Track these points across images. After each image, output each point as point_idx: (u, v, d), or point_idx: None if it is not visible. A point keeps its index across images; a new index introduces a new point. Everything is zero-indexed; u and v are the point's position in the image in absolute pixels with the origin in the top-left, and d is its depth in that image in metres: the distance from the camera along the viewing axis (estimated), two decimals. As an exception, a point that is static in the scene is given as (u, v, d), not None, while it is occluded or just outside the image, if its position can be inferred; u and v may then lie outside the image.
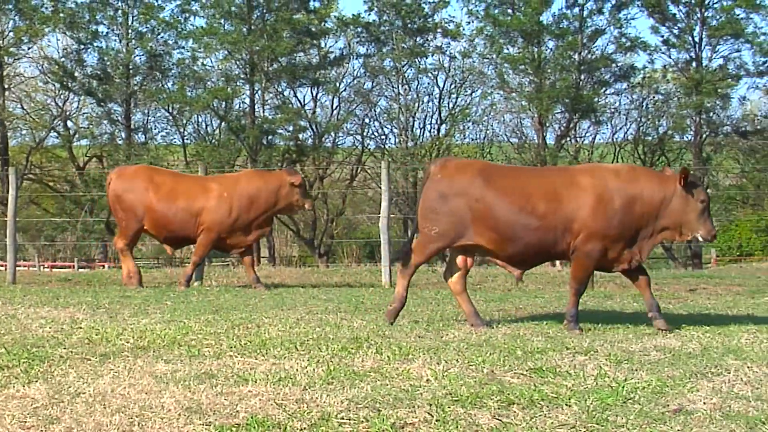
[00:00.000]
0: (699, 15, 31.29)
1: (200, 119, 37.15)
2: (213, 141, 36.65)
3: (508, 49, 33.73)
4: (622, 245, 8.62)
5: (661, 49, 32.36)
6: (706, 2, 31.11)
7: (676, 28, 31.91)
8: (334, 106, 36.92)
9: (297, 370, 6.31)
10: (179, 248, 15.38)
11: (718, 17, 31.10)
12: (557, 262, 18.05)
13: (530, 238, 8.59)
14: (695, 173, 9.16)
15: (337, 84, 36.70)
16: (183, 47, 36.29)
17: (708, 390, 5.73)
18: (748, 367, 6.37)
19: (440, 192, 8.72)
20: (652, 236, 8.72)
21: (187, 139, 37.44)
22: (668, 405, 5.38)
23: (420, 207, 8.85)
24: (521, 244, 8.62)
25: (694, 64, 31.65)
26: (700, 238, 8.79)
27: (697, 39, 31.71)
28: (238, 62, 35.44)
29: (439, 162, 8.98)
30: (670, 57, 32.57)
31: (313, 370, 6.32)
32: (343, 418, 5.13)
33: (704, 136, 31.44)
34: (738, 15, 30.72)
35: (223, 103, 35.15)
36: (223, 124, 36.31)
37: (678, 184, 8.60)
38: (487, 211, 8.60)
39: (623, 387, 5.75)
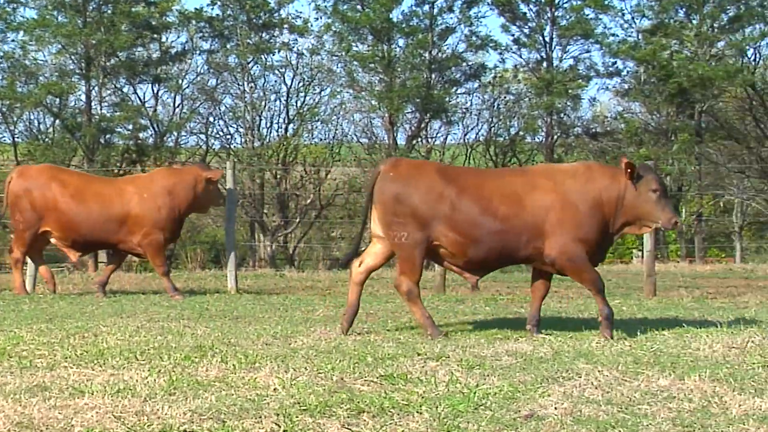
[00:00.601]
0: (549, 14, 32.03)
1: (32, 116, 36.15)
2: (46, 140, 35.71)
3: (357, 46, 33.91)
4: (596, 246, 8.64)
5: (511, 49, 33.01)
6: (556, 2, 31.85)
7: (526, 27, 32.58)
8: (177, 104, 36.43)
9: (137, 380, 6.20)
10: (86, 254, 14.94)
11: (567, 17, 31.88)
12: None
13: (492, 242, 8.52)
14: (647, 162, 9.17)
15: (180, 81, 36.23)
16: (13, 40, 35.27)
17: (559, 395, 5.86)
18: (598, 371, 6.54)
19: (396, 194, 8.55)
20: (613, 236, 8.78)
21: (18, 137, 36.39)
22: (520, 410, 5.49)
23: (378, 216, 8.64)
24: (483, 248, 8.54)
25: (544, 64, 32.38)
26: (662, 227, 8.82)
27: (547, 39, 32.45)
28: (73, 56, 34.61)
29: (390, 162, 8.84)
30: (521, 56, 33.25)
31: (154, 380, 6.22)
32: (185, 431, 5.07)
33: (555, 137, 32.19)
34: (587, 15, 31.57)
35: (57, 99, 34.28)
36: (57, 121, 35.42)
37: (626, 178, 8.63)
38: (449, 211, 8.51)
39: (475, 393, 5.83)
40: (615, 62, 31.75)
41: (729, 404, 5.64)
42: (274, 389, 5.99)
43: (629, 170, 8.61)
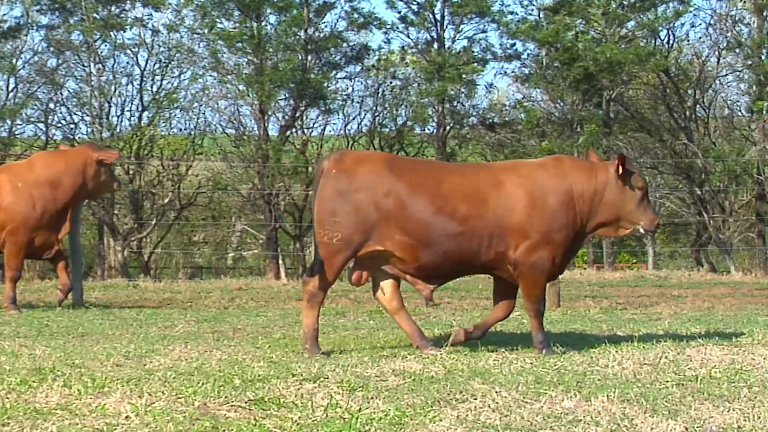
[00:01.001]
0: (441, -11, 32.27)
1: None
2: None
3: (222, 23, 33.68)
4: (567, 249, 8.71)
5: (398, 28, 33.12)
6: (448, -25, 32.11)
7: (414, 3, 32.76)
8: (11, 88, 35.74)
9: (-36, 410, 6.08)
10: None
11: (461, -7, 32.16)
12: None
13: (449, 246, 8.50)
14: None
15: (14, 61, 35.55)
16: None
17: (452, 419, 5.91)
18: (496, 392, 6.61)
19: (338, 189, 8.49)
20: (584, 238, 8.86)
21: None
22: (408, 437, 5.52)
23: (315, 212, 8.59)
24: (438, 253, 8.51)
25: (435, 45, 32.60)
26: (642, 230, 8.93)
27: (438, 17, 32.69)
28: None
29: (334, 156, 8.77)
30: (408, 37, 33.39)
31: (-15, 409, 6.10)
32: (23, 468, 4.99)
33: (448, 128, 32.43)
34: (483, -10, 31.86)
35: None
36: None
37: (613, 172, 8.70)
38: (398, 209, 8.46)
39: (357, 418, 5.85)
40: (514, 44, 32.14)
41: (640, 427, 5.76)
42: (126, 417, 5.92)
43: (621, 163, 8.69)
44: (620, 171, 8.71)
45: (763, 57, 27.41)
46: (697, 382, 7.10)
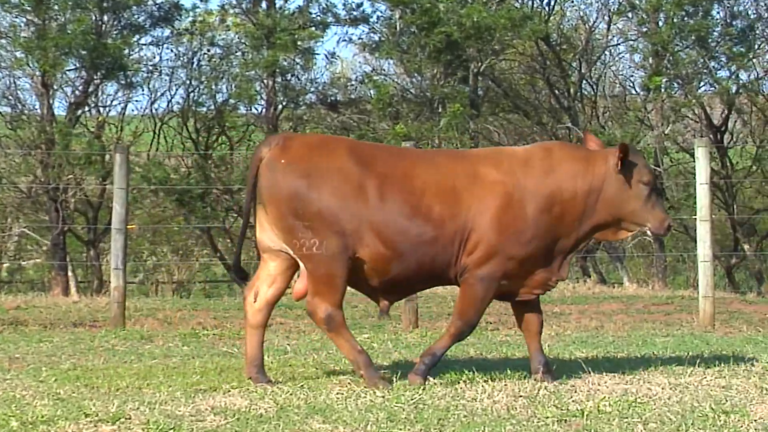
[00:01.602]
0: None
1: None
2: None
3: (-6, -27, 33.15)
4: (535, 264, 8.70)
5: (217, -19, 33.02)
6: None
7: (238, -49, 32.65)
8: None
9: None
10: None
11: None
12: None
13: (423, 254, 8.51)
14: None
15: None
16: None
17: (286, 466, 5.93)
18: (340, 432, 6.66)
19: (294, 188, 8.43)
20: (576, 244, 8.83)
21: None
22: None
23: (272, 220, 8.49)
24: (411, 262, 8.51)
25: (263, 4, 32.55)
26: (650, 233, 8.99)
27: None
28: None
29: (276, 141, 8.69)
30: (230, -6, 33.30)
31: None
32: None
33: (280, 107, 32.40)
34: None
35: None
36: None
37: (613, 164, 8.72)
38: (369, 210, 8.43)
39: (168, 468, 5.83)
40: (360, 4, 32.29)
41: (515, 473, 5.85)
42: None
43: (623, 153, 8.73)
44: (622, 163, 8.78)
45: (660, 23, 27.88)
46: (583, 417, 7.23)
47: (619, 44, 30.40)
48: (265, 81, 32.62)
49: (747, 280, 28.69)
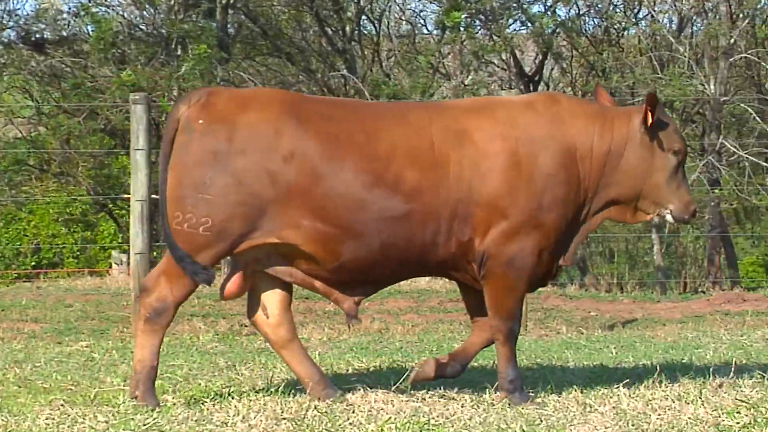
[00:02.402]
0: None
1: None
2: None
3: None
4: (560, 239, 8.69)
5: None
6: None
7: None
8: None
9: None
10: None
11: None
12: None
13: (389, 235, 8.46)
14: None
15: None
16: None
17: None
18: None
19: (210, 151, 8.42)
20: (586, 221, 8.81)
21: None
22: None
23: (169, 186, 8.45)
24: (372, 246, 8.46)
25: None
26: (671, 218, 8.85)
27: None
28: None
29: (197, 97, 8.63)
30: None
31: None
32: None
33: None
34: None
35: None
36: None
37: (639, 123, 8.72)
38: (308, 180, 8.38)
39: None
40: None
41: None
42: None
43: (651, 108, 8.69)
44: (650, 122, 8.77)
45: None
46: (363, 443, 7.40)
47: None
48: None
49: (566, 269, 29.24)
